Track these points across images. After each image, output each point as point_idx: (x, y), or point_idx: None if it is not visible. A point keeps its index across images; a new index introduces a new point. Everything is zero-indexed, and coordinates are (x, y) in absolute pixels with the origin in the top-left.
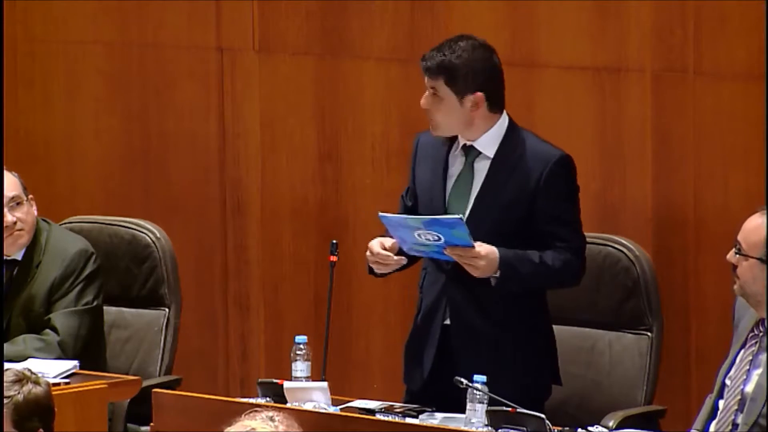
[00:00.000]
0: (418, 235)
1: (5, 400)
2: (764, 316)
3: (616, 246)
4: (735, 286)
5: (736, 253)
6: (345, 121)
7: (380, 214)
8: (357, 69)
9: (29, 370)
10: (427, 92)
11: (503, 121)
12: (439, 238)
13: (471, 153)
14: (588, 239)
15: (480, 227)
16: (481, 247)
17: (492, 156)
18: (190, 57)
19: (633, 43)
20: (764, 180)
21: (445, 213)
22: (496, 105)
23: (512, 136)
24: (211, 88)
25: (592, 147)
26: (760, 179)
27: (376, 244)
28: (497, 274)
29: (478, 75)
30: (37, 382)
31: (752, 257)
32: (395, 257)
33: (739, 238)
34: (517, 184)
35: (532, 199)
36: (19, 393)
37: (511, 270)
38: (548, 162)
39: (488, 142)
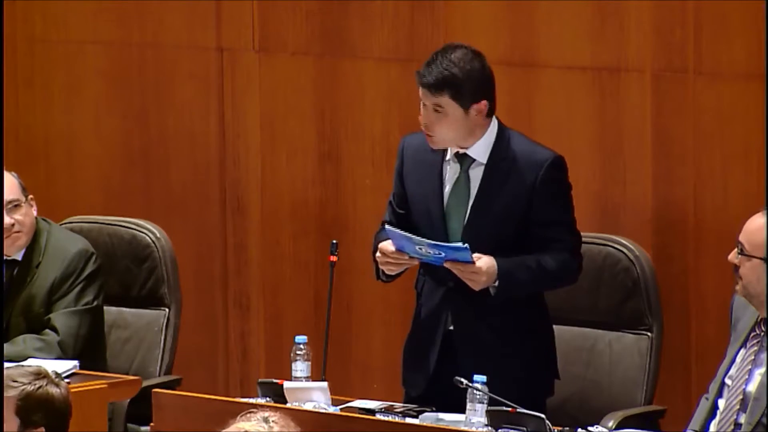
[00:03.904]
0: (419, 248)
1: (17, 387)
2: (766, 316)
3: (616, 246)
4: (737, 287)
5: (738, 254)
6: (345, 121)
7: (387, 228)
8: (357, 69)
9: (55, 372)
10: (425, 108)
11: (493, 125)
12: (440, 254)
13: (465, 161)
14: (588, 239)
15: (478, 236)
16: (481, 262)
17: (485, 162)
18: (190, 57)
19: (633, 43)
20: (764, 180)
21: (443, 222)
22: (492, 111)
23: (502, 139)
24: (211, 88)
25: (592, 147)
26: (760, 179)
27: (388, 245)
28: (496, 284)
29: (482, 84)
30: (57, 384)
31: (756, 257)
32: (407, 257)
33: (741, 238)
34: (512, 190)
35: (528, 203)
36: (31, 384)
37: (509, 280)
38: (542, 165)
39: (481, 148)
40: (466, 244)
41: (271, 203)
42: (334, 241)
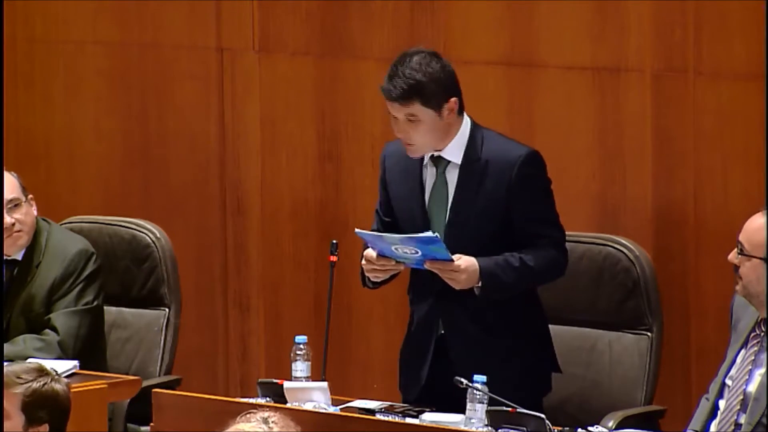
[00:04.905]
0: (396, 249)
1: (23, 383)
2: (766, 316)
3: (616, 246)
4: (737, 287)
5: (738, 254)
6: (345, 121)
7: (356, 230)
8: (357, 69)
9: (54, 369)
10: (397, 121)
11: (466, 125)
12: (417, 252)
13: (441, 163)
14: (588, 239)
15: (461, 236)
16: (461, 261)
17: (459, 163)
18: (190, 57)
19: (633, 43)
20: (764, 180)
21: (428, 226)
22: (461, 108)
23: (475, 138)
24: (211, 88)
25: (592, 147)
26: (760, 179)
27: (372, 252)
28: (479, 285)
29: (446, 83)
30: (58, 381)
31: (756, 257)
32: (393, 263)
33: (741, 238)
34: (489, 189)
35: (506, 202)
36: (37, 381)
37: (492, 280)
38: (515, 163)
39: (454, 149)
40: (436, 234)
41: (271, 203)
42: (334, 241)
